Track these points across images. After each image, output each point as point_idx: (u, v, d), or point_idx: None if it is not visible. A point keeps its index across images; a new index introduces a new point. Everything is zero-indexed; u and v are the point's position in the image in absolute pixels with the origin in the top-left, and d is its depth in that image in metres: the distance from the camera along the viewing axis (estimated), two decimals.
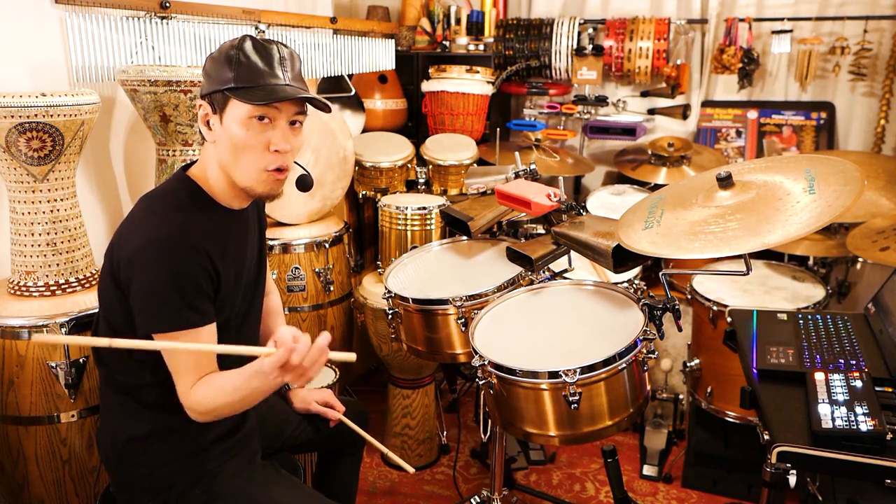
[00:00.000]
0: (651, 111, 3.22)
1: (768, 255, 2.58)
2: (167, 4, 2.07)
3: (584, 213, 1.81)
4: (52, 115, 1.61)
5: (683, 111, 3.15)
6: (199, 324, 1.30)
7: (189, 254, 1.27)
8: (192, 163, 1.43)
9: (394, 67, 3.22)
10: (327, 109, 1.39)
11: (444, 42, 3.27)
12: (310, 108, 1.39)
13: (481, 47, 3.21)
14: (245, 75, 1.28)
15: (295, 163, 1.43)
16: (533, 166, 1.99)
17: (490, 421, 1.87)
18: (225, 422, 1.44)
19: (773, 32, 2.92)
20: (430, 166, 2.92)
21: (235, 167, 1.33)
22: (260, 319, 1.62)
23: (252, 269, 1.51)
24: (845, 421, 1.17)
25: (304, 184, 1.56)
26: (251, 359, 1.54)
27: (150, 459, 1.39)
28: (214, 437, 1.43)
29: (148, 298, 1.26)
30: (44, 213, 1.71)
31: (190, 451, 1.41)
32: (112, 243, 1.34)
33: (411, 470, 1.57)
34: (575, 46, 3.10)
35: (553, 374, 1.42)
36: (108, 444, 1.43)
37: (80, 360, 1.70)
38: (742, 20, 2.94)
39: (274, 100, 1.28)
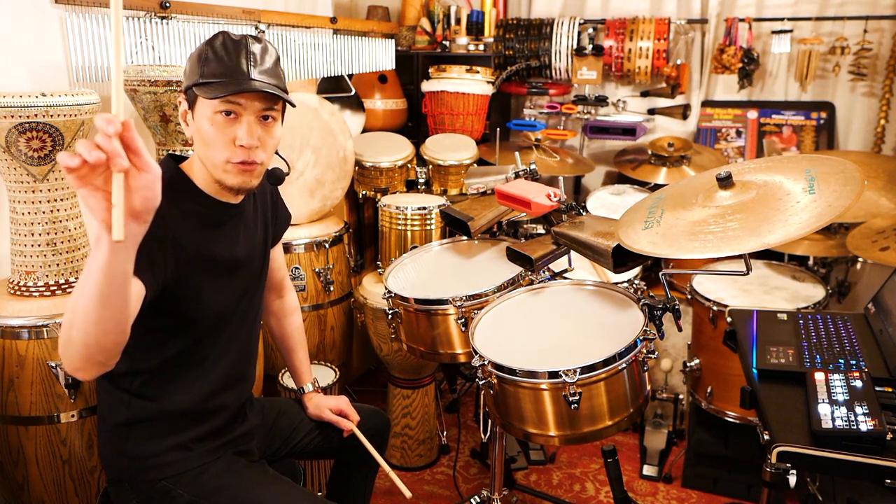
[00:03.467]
0: (651, 111, 3.22)
1: (768, 255, 2.58)
2: (167, 4, 2.07)
3: (584, 213, 1.81)
4: (52, 115, 1.61)
5: (683, 111, 3.15)
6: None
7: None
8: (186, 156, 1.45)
9: (394, 67, 3.23)
10: (291, 104, 1.38)
11: (444, 42, 3.27)
12: (307, 105, 1.38)
13: (481, 47, 3.21)
14: (210, 71, 1.29)
15: (278, 155, 1.43)
16: (533, 166, 1.99)
17: (490, 421, 1.87)
18: (208, 422, 1.45)
19: (773, 32, 2.92)
20: (430, 166, 2.92)
21: (206, 159, 1.34)
22: (259, 319, 1.62)
23: (250, 267, 1.50)
24: (845, 421, 1.17)
25: (273, 176, 1.55)
26: (241, 357, 1.54)
27: (132, 449, 1.40)
28: (197, 436, 1.43)
29: None
30: (44, 213, 1.71)
31: (171, 447, 1.41)
32: None
33: (408, 494, 1.57)
34: (575, 46, 3.10)
35: (553, 374, 1.42)
36: (100, 433, 1.46)
37: None
38: (742, 20, 2.94)
39: (229, 93, 1.27)
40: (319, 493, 2.06)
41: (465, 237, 2.16)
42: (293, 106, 1.38)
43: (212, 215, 1.40)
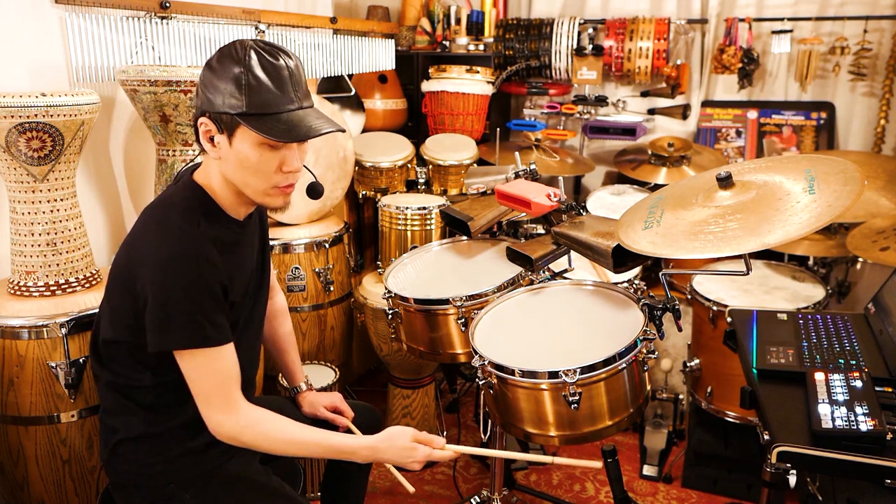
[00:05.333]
0: (651, 111, 3.22)
1: (768, 255, 2.58)
2: (167, 4, 2.07)
3: (584, 213, 1.81)
4: (52, 115, 1.61)
5: (683, 111, 3.15)
6: (220, 341, 1.30)
7: (206, 269, 1.27)
8: (196, 166, 1.42)
9: (394, 67, 3.22)
10: (343, 132, 1.38)
11: (444, 42, 3.27)
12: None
13: (481, 47, 3.20)
14: (257, 101, 1.24)
15: (305, 168, 1.43)
16: (533, 166, 1.99)
17: (490, 421, 1.87)
18: None
19: (773, 32, 2.92)
20: (430, 166, 2.92)
21: (245, 185, 1.33)
22: (263, 324, 1.63)
23: (255, 276, 1.51)
24: (845, 421, 1.17)
25: (315, 191, 1.55)
26: (249, 363, 1.54)
27: (143, 458, 1.39)
28: (207, 443, 1.42)
29: (165, 315, 1.25)
30: (44, 213, 1.71)
31: (181, 454, 1.41)
32: (125, 253, 1.34)
33: (411, 489, 1.57)
34: (575, 46, 3.10)
35: (553, 374, 1.42)
36: (105, 443, 1.44)
37: (80, 360, 1.70)
38: (742, 20, 2.94)
39: (295, 139, 1.26)
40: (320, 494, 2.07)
41: (465, 237, 2.16)
42: (343, 132, 1.38)
43: (233, 237, 1.41)
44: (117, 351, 1.37)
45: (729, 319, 1.69)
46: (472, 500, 2.11)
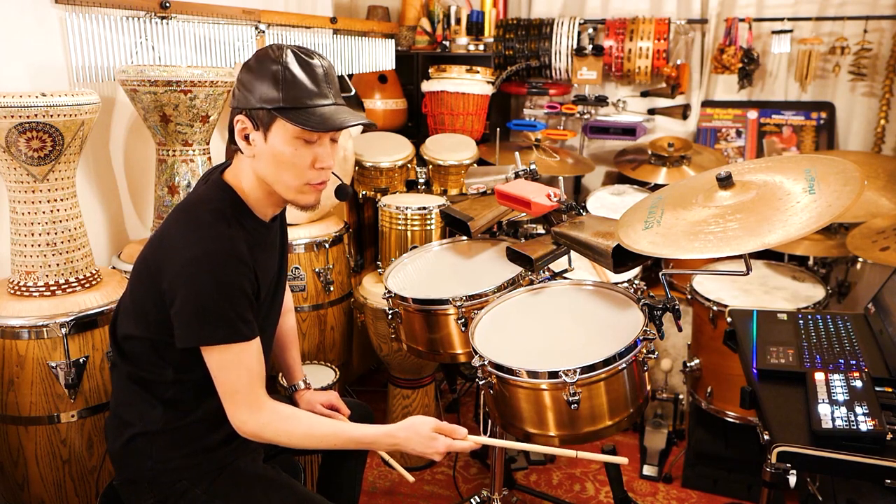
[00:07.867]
0: (651, 111, 3.22)
1: (768, 255, 2.58)
2: (167, 4, 2.08)
3: (584, 213, 1.81)
4: (52, 115, 1.61)
5: (683, 111, 3.15)
6: (250, 336, 1.32)
7: (238, 267, 1.29)
8: (224, 166, 1.43)
9: (394, 67, 3.23)
10: (374, 128, 1.40)
11: (444, 42, 3.27)
12: None
13: (481, 47, 3.21)
14: (293, 95, 1.28)
15: (332, 172, 1.44)
16: (533, 166, 1.99)
17: (490, 421, 1.87)
18: (228, 425, 1.44)
19: (773, 32, 2.92)
20: (430, 166, 2.92)
21: (278, 182, 1.35)
22: (277, 326, 1.64)
23: (275, 278, 1.52)
24: (845, 421, 1.18)
25: (343, 193, 1.56)
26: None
27: (157, 454, 1.40)
28: (221, 439, 1.43)
29: (198, 311, 1.27)
30: (44, 213, 1.71)
31: (196, 450, 1.41)
32: (152, 250, 1.35)
33: (411, 479, 1.57)
34: (575, 46, 3.10)
35: (553, 374, 1.42)
36: (118, 436, 1.43)
37: (80, 360, 1.70)
38: (742, 20, 2.94)
39: (329, 129, 1.29)
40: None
41: (465, 237, 2.16)
42: (376, 128, 1.41)
43: (261, 237, 1.42)
44: (139, 346, 1.38)
45: (729, 319, 1.70)
46: (472, 500, 2.11)
